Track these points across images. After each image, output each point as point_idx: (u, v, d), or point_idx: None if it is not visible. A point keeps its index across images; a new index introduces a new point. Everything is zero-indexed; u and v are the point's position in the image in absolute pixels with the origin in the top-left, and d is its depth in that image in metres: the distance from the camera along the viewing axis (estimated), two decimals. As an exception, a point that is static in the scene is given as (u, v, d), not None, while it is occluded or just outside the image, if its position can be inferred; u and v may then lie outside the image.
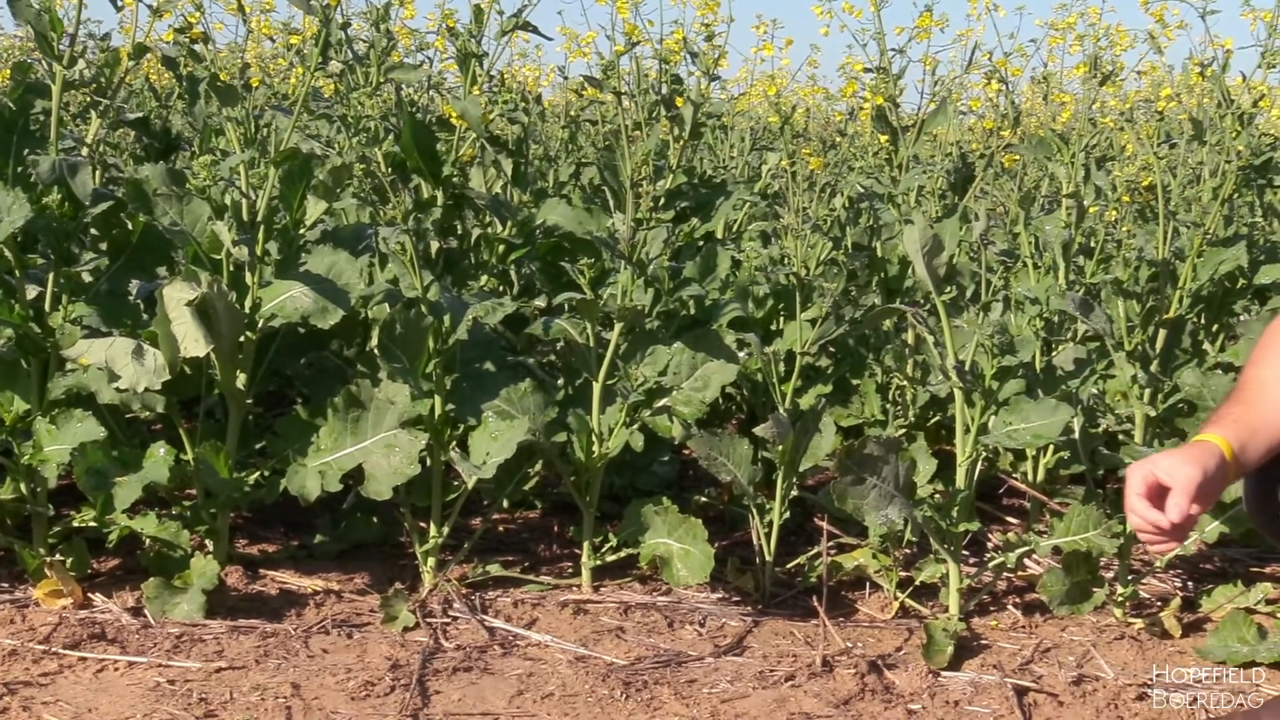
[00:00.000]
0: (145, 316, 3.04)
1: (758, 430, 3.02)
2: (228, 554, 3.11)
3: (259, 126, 3.09)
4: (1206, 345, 3.45)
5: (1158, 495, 2.15)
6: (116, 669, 2.63)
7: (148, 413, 3.09)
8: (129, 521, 2.94)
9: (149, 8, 3.23)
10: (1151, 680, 2.82)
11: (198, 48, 3.25)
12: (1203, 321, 3.55)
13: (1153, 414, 3.18)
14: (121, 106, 3.85)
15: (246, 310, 2.98)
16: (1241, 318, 3.61)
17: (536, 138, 5.04)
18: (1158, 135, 3.55)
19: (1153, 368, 3.19)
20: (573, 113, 5.09)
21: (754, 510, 3.15)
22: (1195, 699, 2.73)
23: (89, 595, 2.93)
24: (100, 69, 3.30)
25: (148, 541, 2.98)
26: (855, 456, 2.85)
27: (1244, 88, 3.38)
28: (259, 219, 2.99)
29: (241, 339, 3.00)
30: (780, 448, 3.06)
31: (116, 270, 3.13)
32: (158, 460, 2.94)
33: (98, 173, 3.52)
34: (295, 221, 3.06)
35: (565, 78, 5.04)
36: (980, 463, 3.10)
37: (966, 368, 2.99)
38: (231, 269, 2.99)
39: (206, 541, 3.08)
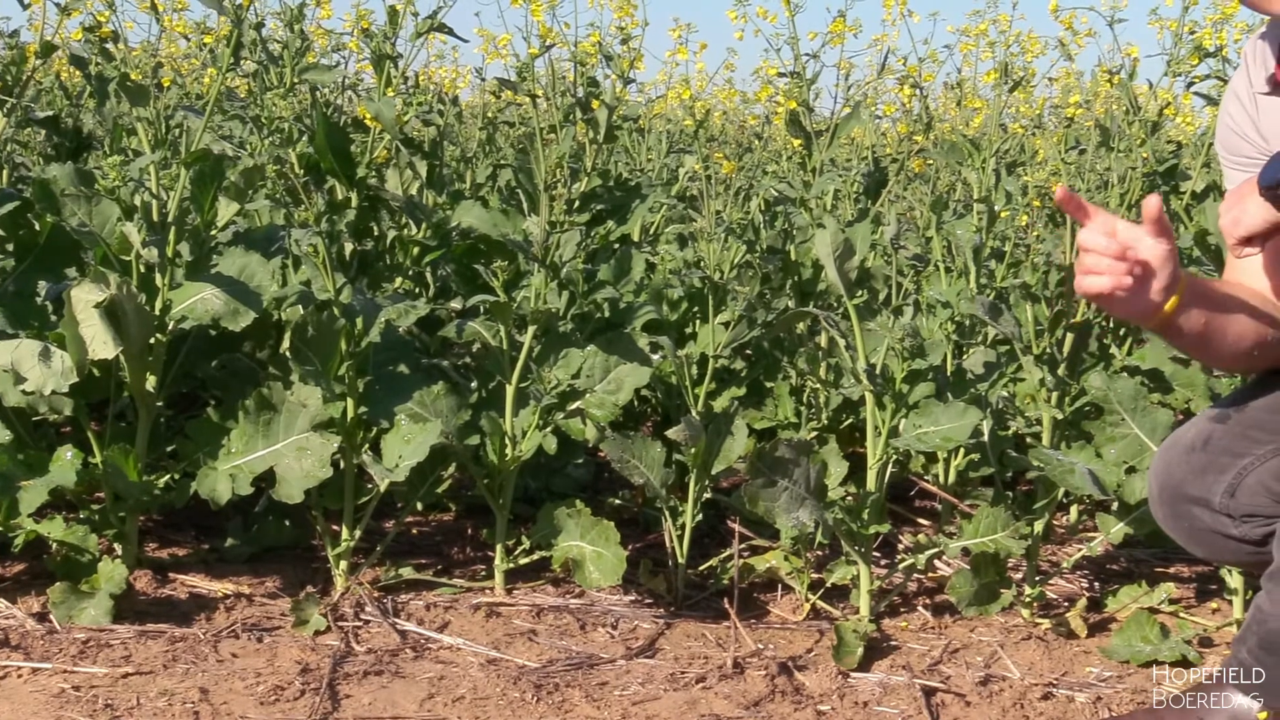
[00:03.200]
0: (53, 318, 3.01)
1: (670, 433, 3.03)
2: (137, 558, 3.08)
3: (170, 127, 3.06)
4: (1113, 349, 3.48)
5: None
6: (20, 676, 2.60)
7: (55, 415, 3.06)
8: (35, 526, 2.91)
9: (57, 6, 3.20)
10: (1057, 680, 2.85)
11: (108, 46, 3.22)
12: (1109, 325, 3.58)
13: (1060, 417, 3.20)
14: (30, 105, 3.81)
15: (156, 312, 2.96)
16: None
17: (454, 139, 5.03)
18: (1067, 141, 3.59)
19: (1060, 371, 3.22)
20: (490, 114, 5.09)
21: (667, 513, 3.15)
22: (1099, 698, 2.76)
23: (-6, 600, 2.90)
24: (6, 67, 3.26)
25: (54, 546, 2.95)
26: (766, 459, 2.86)
27: (1151, 95, 3.43)
28: (170, 220, 2.96)
29: (151, 341, 2.98)
30: (693, 450, 3.07)
31: (23, 271, 3.10)
32: (65, 464, 2.91)
33: (4, 172, 3.48)
34: (207, 223, 3.04)
35: (483, 79, 5.05)
36: (891, 465, 3.12)
37: (877, 371, 3.01)
38: (141, 270, 2.97)
39: (115, 545, 3.06)
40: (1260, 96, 2.41)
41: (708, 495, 3.17)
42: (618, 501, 3.59)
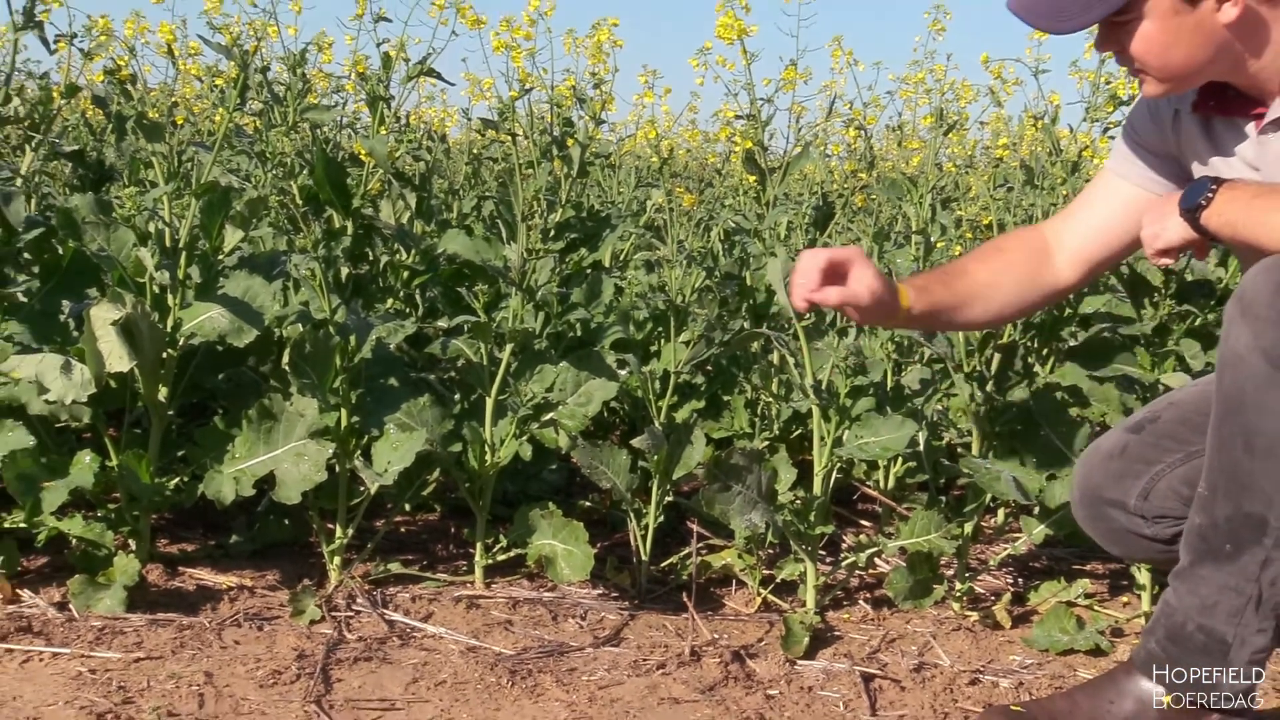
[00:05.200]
0: (74, 334, 3.00)
1: (635, 442, 3.03)
2: (149, 553, 3.07)
3: (183, 161, 3.06)
4: (1037, 367, 3.49)
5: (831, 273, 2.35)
6: (41, 659, 2.58)
7: (75, 423, 3.05)
8: (56, 523, 2.89)
9: (81, 51, 3.20)
10: (983, 667, 2.86)
11: (128, 88, 3.22)
12: (1034, 346, 3.59)
13: (988, 429, 3.22)
14: (57, 140, 3.80)
15: (168, 329, 2.95)
16: (1068, 343, 3.66)
17: (441, 173, 5.02)
18: (996, 179, 3.61)
19: (988, 388, 3.23)
20: (475, 151, 5.09)
21: (632, 514, 3.16)
22: (1021, 683, 2.77)
23: (18, 591, 2.88)
24: (35, 106, 3.25)
25: (74, 541, 2.93)
26: (722, 466, 2.87)
27: (1071, 138, 3.45)
28: (181, 246, 2.95)
29: (163, 356, 2.97)
30: (656, 458, 3.07)
31: (48, 292, 3.09)
32: (84, 467, 2.90)
33: (31, 201, 3.47)
34: (214, 248, 3.03)
35: (468, 119, 5.05)
36: (836, 472, 3.13)
37: (824, 387, 3.02)
38: (155, 291, 2.96)
39: (129, 541, 3.04)
40: (1183, 114, 2.42)
41: (669, 499, 3.18)
42: (587, 504, 3.58)
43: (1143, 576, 3.10)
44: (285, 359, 3.13)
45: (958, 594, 3.18)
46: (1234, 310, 2.18)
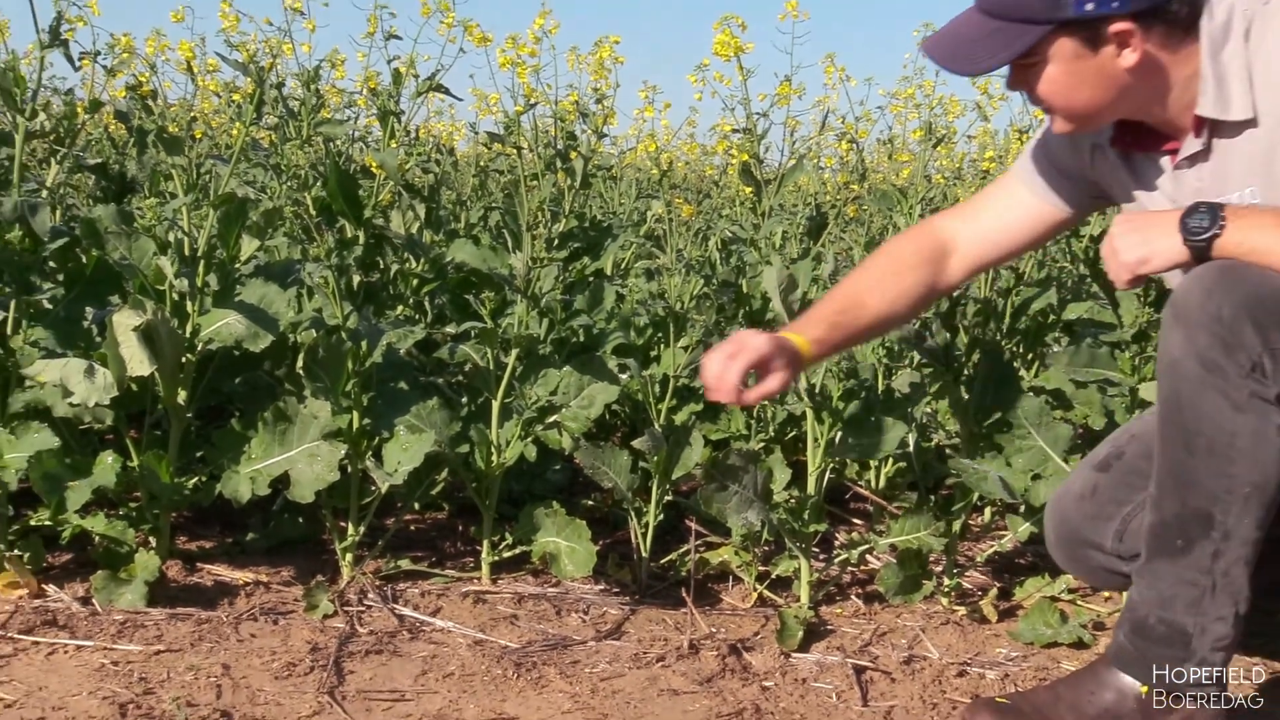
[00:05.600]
0: (97, 340, 3.01)
1: (636, 443, 3.05)
2: (169, 550, 3.08)
3: (201, 173, 3.08)
4: (1022, 372, 3.51)
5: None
6: (66, 652, 2.60)
7: (98, 425, 3.07)
8: (80, 521, 2.91)
9: (105, 68, 3.21)
10: (971, 659, 2.87)
11: (149, 103, 3.24)
12: (1019, 351, 3.61)
13: (975, 431, 3.23)
14: (81, 154, 3.82)
15: (187, 335, 2.97)
16: (1052, 348, 3.68)
17: (449, 185, 5.04)
18: (982, 191, 3.61)
19: (976, 391, 3.24)
20: (482, 163, 5.10)
21: (633, 513, 3.17)
22: (1007, 675, 2.79)
23: (43, 586, 2.90)
24: (60, 120, 3.27)
25: (97, 539, 2.95)
26: (720, 466, 2.89)
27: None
28: (199, 255, 2.97)
29: (183, 360, 2.99)
30: (655, 458, 3.09)
31: (72, 299, 3.10)
32: (106, 467, 2.91)
33: (57, 212, 3.49)
34: (231, 257, 3.04)
35: (475, 132, 5.05)
36: (829, 472, 3.14)
37: (817, 390, 3.03)
38: (174, 299, 2.98)
39: (150, 539, 3.06)
40: (1103, 147, 2.45)
41: (668, 498, 3.19)
42: (590, 503, 3.60)
43: (1124, 573, 3.11)
44: (299, 363, 3.15)
45: (946, 589, 3.19)
46: (1168, 317, 2.21)
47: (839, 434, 3.07)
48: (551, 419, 3.13)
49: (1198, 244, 2.17)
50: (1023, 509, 3.14)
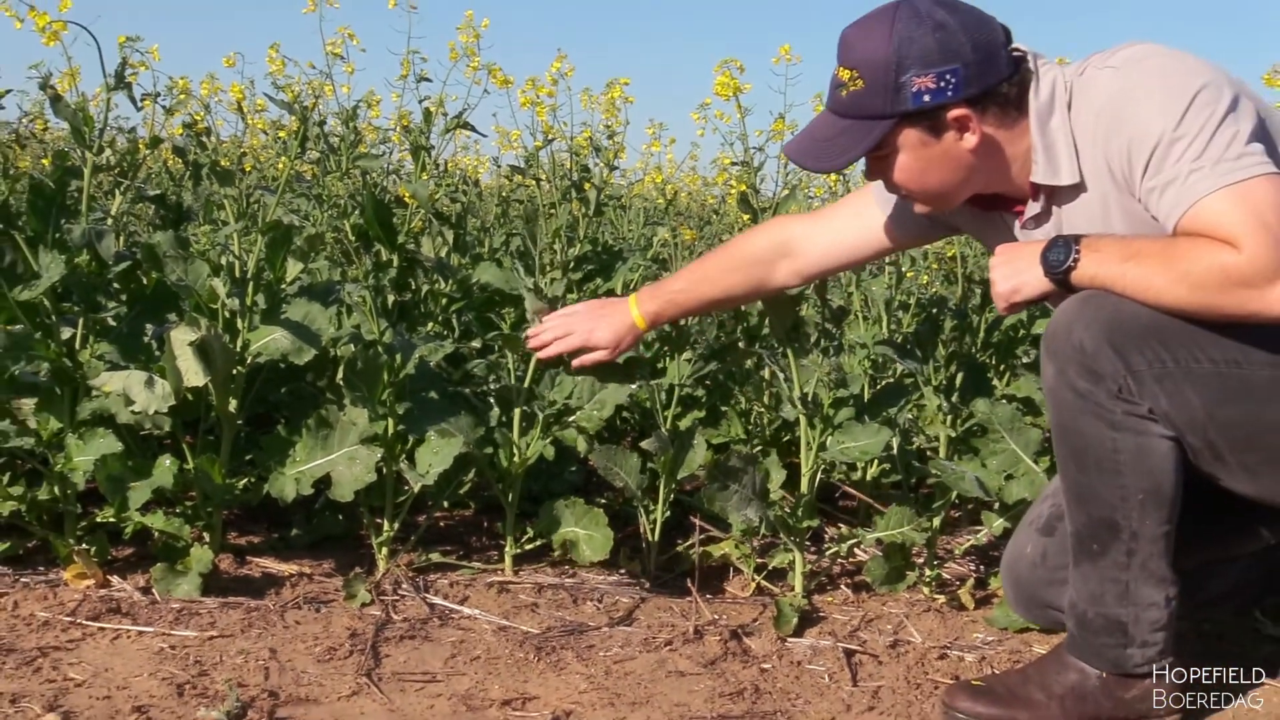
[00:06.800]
0: (156, 354, 3.01)
1: (644, 444, 3.04)
2: (221, 544, 3.08)
3: (250, 203, 3.08)
4: (996, 381, 3.50)
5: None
6: (129, 637, 2.60)
7: (157, 431, 3.06)
8: (141, 518, 2.91)
9: (163, 108, 3.22)
10: (950, 643, 2.86)
11: (203, 139, 3.24)
12: (993, 362, 3.61)
13: (953, 435, 3.22)
14: (142, 185, 3.82)
15: (238, 349, 2.96)
16: (1023, 360, 3.67)
17: (475, 213, 5.04)
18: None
19: (953, 399, 3.24)
20: (504, 193, 5.10)
21: (642, 510, 3.16)
22: (984, 658, 2.77)
23: (108, 577, 2.89)
24: (124, 156, 3.27)
25: (156, 534, 2.95)
26: (722, 467, 2.88)
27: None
28: (248, 276, 2.97)
29: (233, 372, 2.98)
30: (662, 460, 3.08)
31: (134, 316, 3.10)
32: (164, 469, 2.91)
33: (120, 238, 3.49)
34: (278, 279, 3.04)
35: (498, 165, 5.05)
36: (820, 473, 3.13)
37: (809, 398, 3.02)
38: (226, 316, 2.97)
39: (204, 534, 3.05)
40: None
41: (674, 496, 3.18)
42: (603, 501, 3.58)
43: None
44: (339, 375, 3.14)
45: (928, 579, 3.17)
46: (1042, 351, 2.25)
47: (829, 438, 3.06)
48: (568, 420, 3.12)
49: (1057, 275, 2.19)
50: (997, 506, 3.12)
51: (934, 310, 3.47)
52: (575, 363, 2.88)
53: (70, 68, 2.88)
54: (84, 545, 2.93)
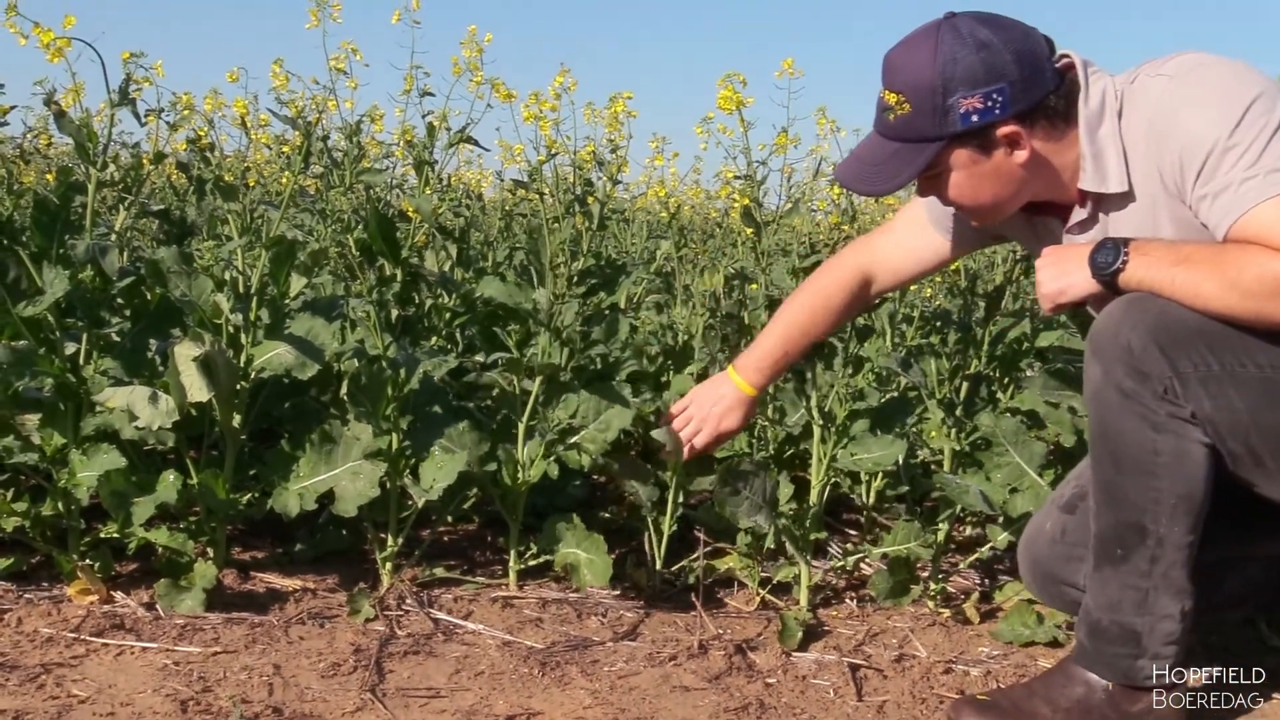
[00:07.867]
0: (160, 369, 3.01)
1: (653, 433, 3.01)
2: (225, 559, 3.07)
3: (254, 218, 3.08)
4: (999, 395, 3.49)
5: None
6: (133, 653, 2.59)
7: (161, 446, 3.07)
8: (145, 534, 2.90)
9: (168, 123, 3.22)
10: (955, 658, 2.85)
11: (207, 155, 3.24)
12: (997, 376, 3.59)
13: (957, 448, 3.21)
14: (146, 201, 3.82)
15: (241, 364, 2.96)
16: (1027, 374, 3.66)
17: (478, 227, 5.04)
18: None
19: (958, 412, 3.23)
20: (508, 208, 5.10)
21: (650, 523, 3.15)
22: (989, 672, 2.76)
23: (112, 593, 2.88)
24: (128, 171, 3.27)
25: (160, 549, 2.94)
26: (733, 472, 2.87)
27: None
28: (252, 291, 2.97)
29: (237, 387, 2.98)
30: (672, 464, 3.07)
31: (138, 332, 3.10)
32: (168, 484, 2.90)
33: (124, 254, 3.49)
34: (281, 294, 3.04)
35: (501, 180, 5.06)
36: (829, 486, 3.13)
37: (825, 410, 3.02)
38: (230, 331, 2.97)
39: (208, 549, 3.05)
40: None
41: (680, 511, 3.17)
42: (607, 515, 3.58)
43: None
44: (343, 390, 3.14)
45: (932, 593, 3.16)
46: (1088, 351, 2.25)
47: (839, 451, 3.05)
48: (572, 440, 3.11)
49: (1104, 277, 2.21)
50: (1001, 520, 3.12)
51: (937, 323, 3.46)
52: (694, 453, 2.98)
53: (75, 83, 2.89)
54: (88, 561, 2.92)
